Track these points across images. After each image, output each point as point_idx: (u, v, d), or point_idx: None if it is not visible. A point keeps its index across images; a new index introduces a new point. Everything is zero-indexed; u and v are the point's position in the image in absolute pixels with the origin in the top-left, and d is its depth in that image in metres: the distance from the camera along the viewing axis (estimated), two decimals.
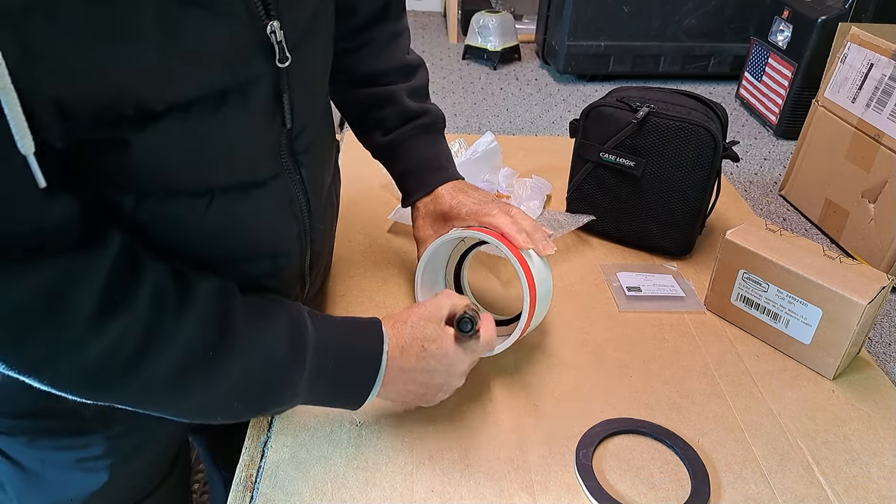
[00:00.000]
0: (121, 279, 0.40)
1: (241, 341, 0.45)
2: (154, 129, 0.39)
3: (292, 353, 0.48)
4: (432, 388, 0.55)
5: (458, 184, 0.68)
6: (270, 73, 0.44)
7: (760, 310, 0.68)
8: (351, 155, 1.06)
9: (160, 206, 0.44)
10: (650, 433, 0.58)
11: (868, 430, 0.60)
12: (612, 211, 0.83)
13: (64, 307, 0.37)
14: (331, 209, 0.63)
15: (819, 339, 0.64)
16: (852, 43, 0.95)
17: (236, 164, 0.46)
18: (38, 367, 0.39)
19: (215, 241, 0.48)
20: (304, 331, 0.49)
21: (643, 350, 0.68)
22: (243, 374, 0.46)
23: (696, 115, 0.76)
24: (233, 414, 0.48)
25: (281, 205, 0.52)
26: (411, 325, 0.54)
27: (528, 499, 0.52)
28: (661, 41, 1.45)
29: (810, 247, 0.67)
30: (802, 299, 0.64)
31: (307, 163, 0.52)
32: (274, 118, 0.47)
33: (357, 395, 0.52)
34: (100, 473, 0.58)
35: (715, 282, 0.72)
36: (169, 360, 0.42)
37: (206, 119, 0.41)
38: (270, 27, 0.42)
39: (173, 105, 0.39)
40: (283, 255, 0.54)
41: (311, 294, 0.64)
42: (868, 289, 0.61)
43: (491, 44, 1.56)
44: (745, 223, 0.71)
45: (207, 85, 0.40)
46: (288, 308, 0.51)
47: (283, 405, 0.50)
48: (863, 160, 0.89)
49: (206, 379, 0.44)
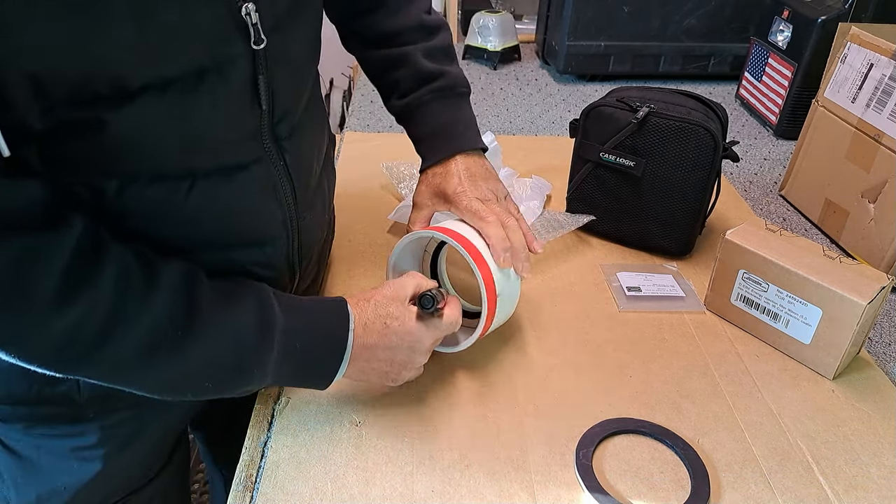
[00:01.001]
0: (84, 260, 0.40)
1: (207, 322, 0.46)
2: (131, 108, 0.39)
3: (260, 335, 0.48)
4: (396, 365, 0.55)
5: (474, 164, 0.66)
6: (245, 55, 0.44)
7: (760, 310, 0.68)
8: (351, 155, 1.06)
9: (143, 190, 0.44)
10: (650, 433, 0.58)
11: (868, 430, 0.59)
12: (612, 211, 0.83)
13: (26, 285, 0.38)
14: (322, 199, 0.63)
15: (819, 339, 0.64)
16: (852, 43, 0.95)
17: (216, 146, 0.46)
18: (5, 342, 0.39)
19: (198, 226, 0.48)
20: (272, 312, 0.49)
21: (643, 350, 0.68)
22: (211, 355, 0.46)
23: (696, 115, 0.76)
24: (203, 392, 0.48)
25: (264, 189, 0.51)
26: (374, 303, 0.54)
27: (528, 499, 0.52)
28: (661, 41, 1.45)
29: (810, 247, 0.67)
30: (802, 299, 0.64)
31: (291, 149, 0.52)
32: (252, 101, 0.46)
33: (324, 374, 0.53)
34: (94, 462, 0.58)
35: (715, 282, 0.72)
36: (134, 340, 0.42)
37: (183, 98, 0.41)
38: (245, 8, 0.42)
39: (150, 83, 0.39)
40: (268, 242, 0.54)
41: (302, 287, 0.64)
42: (868, 289, 0.61)
43: (491, 44, 1.56)
44: (745, 223, 0.71)
45: (185, 64, 0.40)
46: (254, 290, 0.51)
47: (253, 384, 0.50)
48: (863, 160, 0.89)
49: (174, 358, 0.44)
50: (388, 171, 0.96)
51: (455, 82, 0.68)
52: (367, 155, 1.05)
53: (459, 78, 0.69)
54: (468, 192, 0.63)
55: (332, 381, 0.53)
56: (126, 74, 0.38)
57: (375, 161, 0.99)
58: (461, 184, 0.63)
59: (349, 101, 1.61)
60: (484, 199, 0.63)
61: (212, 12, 0.40)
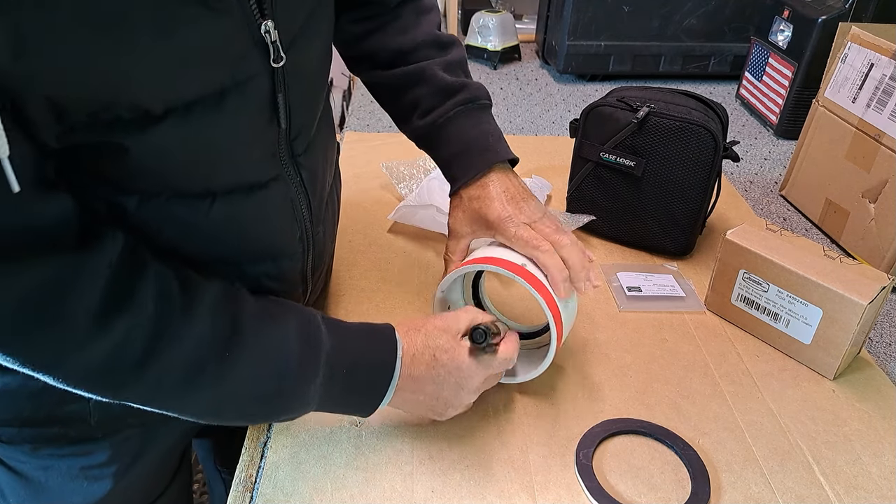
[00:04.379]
0: (125, 278, 0.40)
1: (251, 342, 0.45)
2: (153, 134, 0.39)
3: (304, 358, 0.47)
4: (441, 401, 0.53)
5: (511, 183, 0.61)
6: (266, 73, 0.44)
7: (761, 310, 0.68)
8: (351, 155, 1.06)
9: (163, 208, 0.44)
10: (650, 433, 0.58)
11: (868, 430, 0.59)
12: (613, 211, 0.83)
13: (66, 305, 0.37)
14: (332, 211, 0.62)
15: (819, 339, 0.64)
16: (853, 43, 0.95)
17: (236, 166, 0.46)
18: (48, 365, 0.39)
19: (217, 243, 0.48)
20: (318, 336, 0.49)
21: (643, 350, 0.68)
22: (253, 377, 0.45)
23: (697, 114, 0.76)
24: (243, 417, 0.47)
25: (282, 207, 0.51)
26: (425, 333, 0.52)
27: (529, 499, 0.52)
28: (661, 41, 1.45)
29: (810, 247, 0.67)
30: (803, 299, 0.64)
31: (307, 164, 0.52)
32: (271, 119, 0.46)
33: (369, 401, 0.51)
34: (104, 481, 0.57)
35: (715, 282, 0.72)
36: (179, 359, 0.42)
37: (204, 120, 0.41)
38: (265, 26, 0.41)
39: (172, 107, 0.39)
40: (286, 257, 0.54)
41: (312, 298, 0.64)
42: (868, 289, 0.61)
43: (491, 44, 1.55)
44: (746, 223, 0.71)
45: (206, 85, 0.40)
46: (299, 312, 0.50)
47: (295, 411, 0.49)
48: (863, 160, 0.89)
49: (217, 379, 0.44)
50: (388, 171, 0.96)
51: (478, 94, 0.64)
52: (367, 155, 1.05)
53: (482, 90, 0.65)
54: (514, 218, 0.58)
55: (376, 410, 0.52)
56: (148, 97, 0.37)
57: (375, 161, 0.99)
58: (504, 208, 0.59)
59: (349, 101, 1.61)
60: (531, 222, 0.58)
61: (232, 32, 0.40)
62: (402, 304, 0.73)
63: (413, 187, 0.92)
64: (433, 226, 0.82)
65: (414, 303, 0.73)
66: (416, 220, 0.83)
